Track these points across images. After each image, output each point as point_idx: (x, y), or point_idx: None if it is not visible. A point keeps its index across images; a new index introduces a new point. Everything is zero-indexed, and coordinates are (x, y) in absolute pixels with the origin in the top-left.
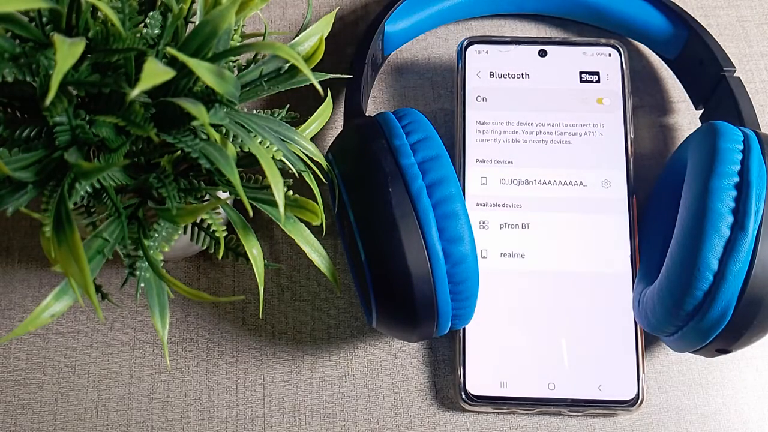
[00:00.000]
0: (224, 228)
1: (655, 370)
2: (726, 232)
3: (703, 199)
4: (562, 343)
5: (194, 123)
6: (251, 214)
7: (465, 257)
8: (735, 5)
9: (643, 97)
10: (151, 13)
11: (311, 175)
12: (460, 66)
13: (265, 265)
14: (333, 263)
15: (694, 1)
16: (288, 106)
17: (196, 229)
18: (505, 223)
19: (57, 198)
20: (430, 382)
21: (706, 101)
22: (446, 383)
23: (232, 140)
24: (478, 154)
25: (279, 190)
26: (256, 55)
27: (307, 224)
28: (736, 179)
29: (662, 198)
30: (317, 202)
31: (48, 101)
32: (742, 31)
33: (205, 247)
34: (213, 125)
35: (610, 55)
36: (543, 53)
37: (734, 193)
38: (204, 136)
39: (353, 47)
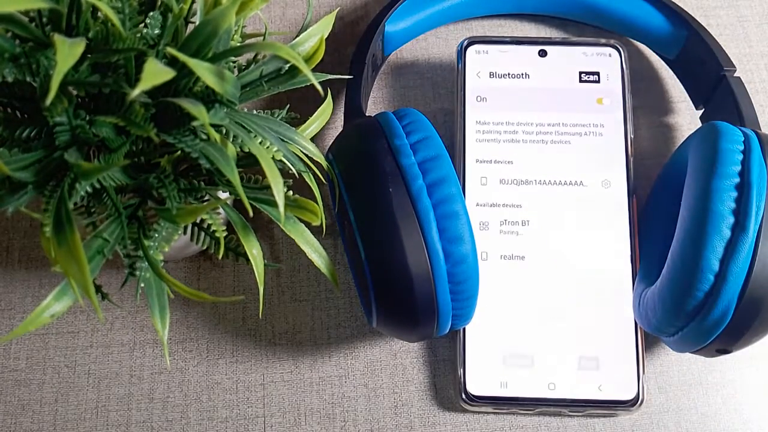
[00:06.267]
0: (224, 228)
1: (655, 370)
2: (727, 233)
3: (704, 200)
4: (562, 343)
5: (194, 123)
6: (251, 214)
7: (465, 257)
8: (735, 5)
9: (643, 97)
10: (151, 13)
11: (311, 175)
12: (460, 66)
13: (265, 265)
14: (333, 263)
15: (694, 1)
16: (288, 106)
17: (196, 229)
18: (505, 221)
19: (57, 198)
20: (430, 382)
21: (707, 101)
22: (446, 383)
23: (232, 140)
24: (478, 154)
25: (279, 190)
26: (256, 55)
27: (307, 224)
28: (737, 180)
29: (662, 198)
30: (317, 202)
31: (48, 101)
32: (742, 31)
33: (205, 247)
34: (213, 125)
35: (610, 55)
36: (543, 53)
37: (735, 193)
38: (204, 136)
39: (353, 47)
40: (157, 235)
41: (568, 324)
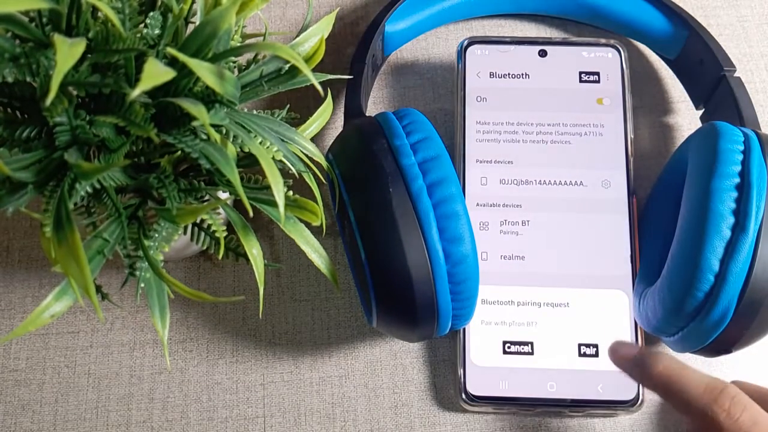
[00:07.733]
0: (224, 228)
1: None
2: (727, 233)
3: (704, 200)
4: (562, 343)
5: (194, 123)
6: (251, 214)
7: (465, 257)
8: (735, 5)
9: (643, 97)
10: (151, 14)
11: (311, 175)
12: (460, 66)
13: (265, 265)
14: (333, 263)
15: (694, 1)
16: (288, 106)
17: (196, 229)
18: (505, 221)
19: (57, 198)
20: (430, 382)
21: (707, 101)
22: (446, 383)
23: (232, 140)
24: (478, 154)
25: (279, 190)
26: (256, 55)
27: (307, 224)
28: (737, 180)
29: (662, 198)
30: (317, 202)
31: (48, 101)
32: (742, 31)
33: (205, 247)
34: (213, 125)
35: (610, 55)
36: (543, 53)
37: (735, 194)
38: (204, 137)
39: (353, 47)
40: (157, 235)
41: (567, 325)
